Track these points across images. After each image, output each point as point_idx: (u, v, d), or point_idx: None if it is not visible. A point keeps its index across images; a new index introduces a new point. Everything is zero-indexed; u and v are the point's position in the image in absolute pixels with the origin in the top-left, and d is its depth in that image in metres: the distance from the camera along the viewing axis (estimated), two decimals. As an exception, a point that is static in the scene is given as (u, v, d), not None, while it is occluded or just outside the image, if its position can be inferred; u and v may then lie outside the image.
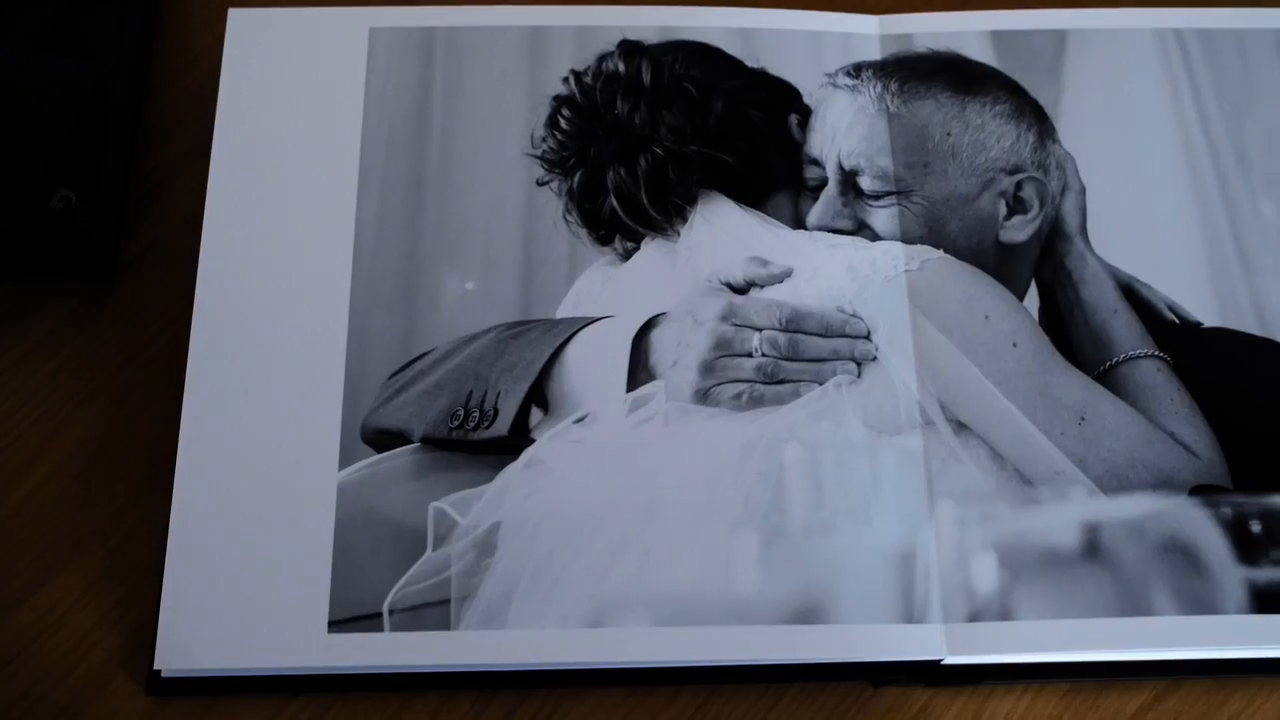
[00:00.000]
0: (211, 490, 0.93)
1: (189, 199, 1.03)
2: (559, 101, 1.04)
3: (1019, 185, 1.01)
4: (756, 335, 0.95)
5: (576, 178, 1.02)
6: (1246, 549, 0.91)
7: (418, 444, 0.95)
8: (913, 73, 1.04)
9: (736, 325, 0.96)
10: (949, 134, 1.01)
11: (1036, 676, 0.92)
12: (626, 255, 1.02)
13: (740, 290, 0.98)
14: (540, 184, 1.03)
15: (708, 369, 0.95)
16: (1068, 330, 1.00)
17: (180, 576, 0.90)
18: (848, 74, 1.04)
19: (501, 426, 0.94)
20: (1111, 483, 0.92)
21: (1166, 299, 1.01)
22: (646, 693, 0.91)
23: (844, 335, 0.96)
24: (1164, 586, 0.91)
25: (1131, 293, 1.01)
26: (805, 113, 1.05)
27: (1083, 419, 0.94)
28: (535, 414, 0.95)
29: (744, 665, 0.90)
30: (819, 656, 0.90)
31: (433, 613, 0.90)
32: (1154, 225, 1.04)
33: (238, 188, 1.01)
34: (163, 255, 1.02)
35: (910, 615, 0.90)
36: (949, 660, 0.90)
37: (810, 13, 1.09)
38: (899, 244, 0.99)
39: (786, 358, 0.95)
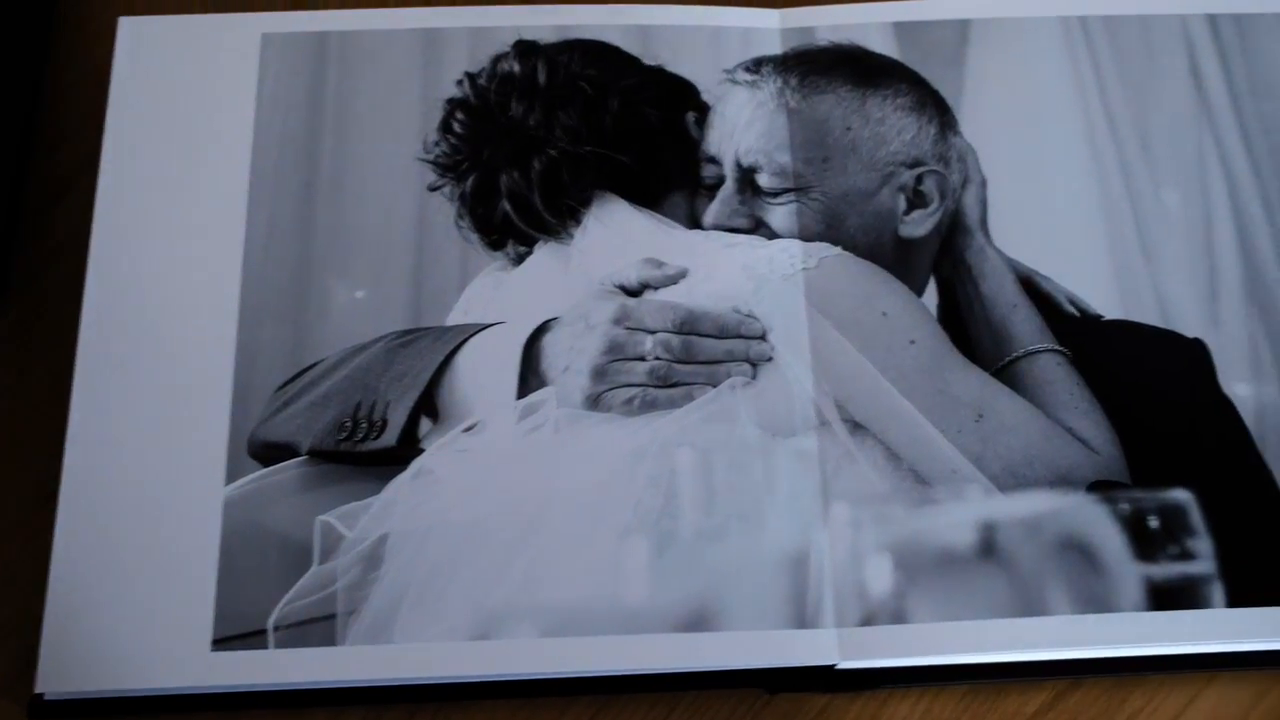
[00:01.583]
0: (96, 508, 0.91)
1: (81, 211, 1.01)
2: (452, 105, 1.03)
3: (919, 179, 0.99)
4: (650, 338, 0.94)
5: (469, 182, 1.01)
6: (1144, 545, 0.90)
7: (305, 457, 0.94)
8: (813, 67, 1.02)
9: (629, 328, 0.94)
10: (849, 128, 0.99)
11: (934, 679, 0.90)
12: (519, 260, 1.00)
13: (634, 293, 0.97)
14: (432, 189, 1.02)
15: (600, 374, 0.93)
16: (967, 325, 0.98)
17: (63, 597, 0.89)
18: (747, 69, 1.03)
19: (390, 437, 0.93)
20: (1008, 480, 0.91)
21: (1067, 292, 1.00)
22: (539, 704, 0.90)
23: (739, 336, 0.95)
24: (1060, 585, 0.89)
25: (1032, 286, 1.00)
26: (703, 110, 1.03)
27: (980, 416, 0.93)
28: (425, 424, 0.94)
29: (636, 675, 0.89)
30: (710, 664, 0.88)
31: (318, 628, 0.89)
32: (1056, 217, 1.02)
33: (127, 198, 1.00)
34: (53, 270, 1.01)
35: (803, 620, 0.89)
36: (843, 665, 0.89)
37: (710, 8, 1.07)
38: (797, 242, 0.97)
39: (680, 360, 0.94)
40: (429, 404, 0.94)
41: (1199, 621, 0.89)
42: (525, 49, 1.04)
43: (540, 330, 0.95)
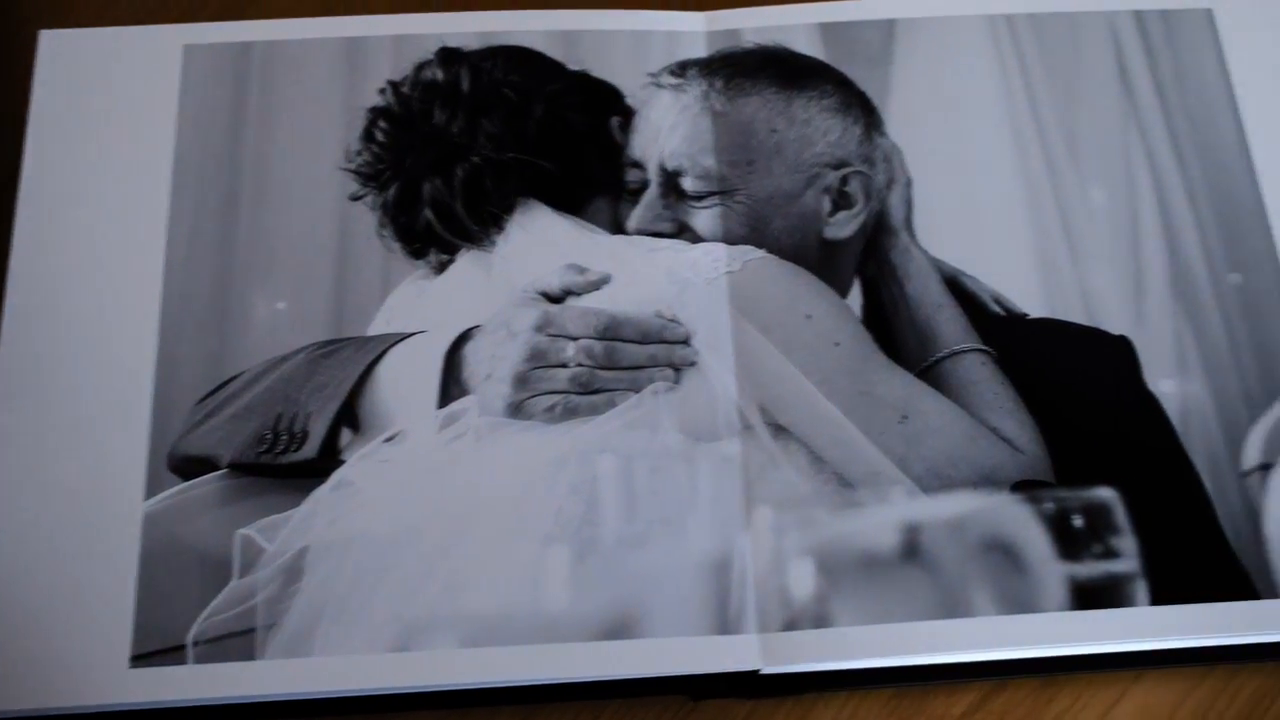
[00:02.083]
0: (14, 523, 0.91)
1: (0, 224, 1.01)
2: (375, 113, 1.02)
3: (844, 180, 0.99)
4: (572, 344, 0.93)
5: (391, 191, 1.00)
6: (1068, 544, 0.90)
7: (226, 470, 0.93)
8: (739, 69, 1.02)
9: (552, 335, 0.94)
10: (774, 130, 0.99)
11: (859, 683, 0.90)
12: (441, 268, 1.00)
13: (557, 299, 0.96)
14: (354, 199, 1.01)
15: (521, 381, 0.93)
16: (892, 326, 0.98)
17: (-20, 615, 0.89)
18: (672, 73, 1.02)
19: (310, 449, 0.92)
20: (932, 482, 0.91)
21: (992, 291, 0.99)
22: (461, 715, 0.90)
23: (662, 341, 0.94)
24: (984, 586, 0.89)
25: (957, 286, 0.99)
26: (628, 114, 1.03)
27: (904, 417, 0.92)
28: (346, 435, 0.94)
29: (558, 684, 0.88)
30: (632, 672, 0.88)
31: (237, 642, 0.88)
32: (982, 215, 1.02)
33: (47, 210, 1.00)
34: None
35: (725, 626, 0.88)
36: (767, 670, 0.88)
37: (635, 12, 1.07)
38: (721, 245, 0.97)
39: (602, 366, 0.93)
40: (350, 415, 0.94)
41: (1123, 620, 0.88)
42: (448, 56, 1.03)
43: (462, 338, 0.95)
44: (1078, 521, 0.90)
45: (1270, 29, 1.07)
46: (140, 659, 0.87)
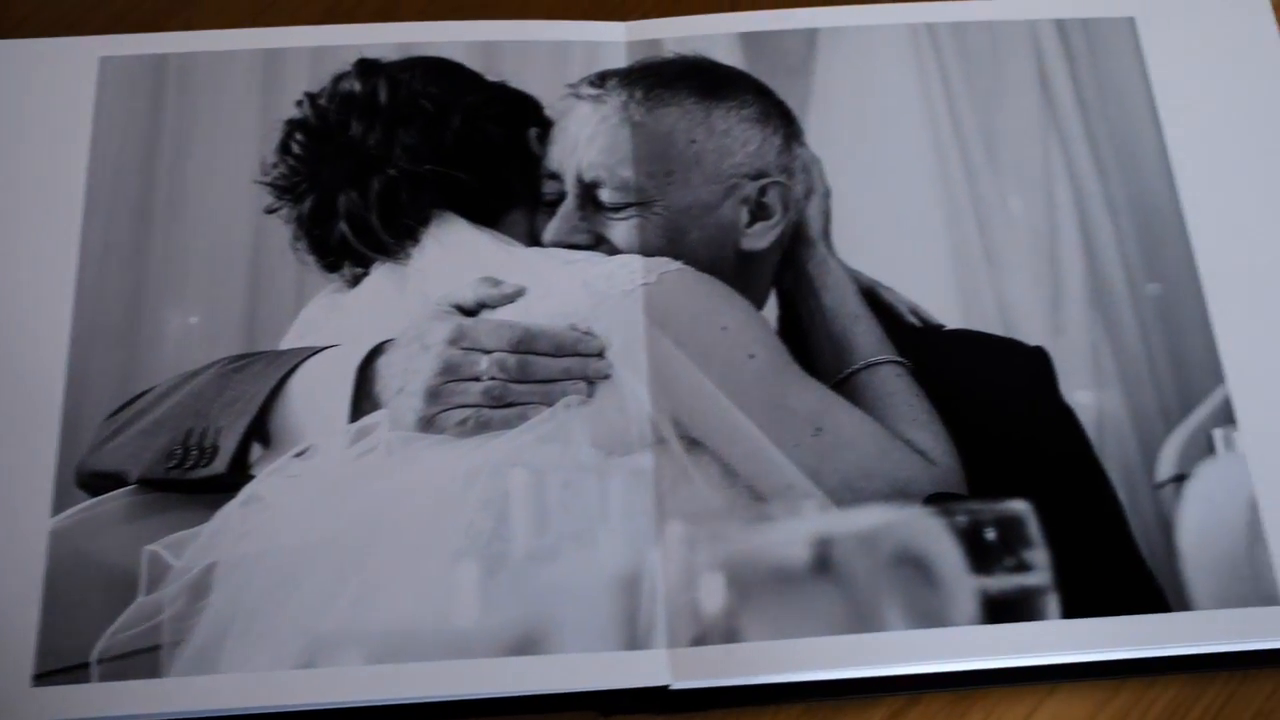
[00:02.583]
0: (-81, 542, 0.90)
1: (-86, 241, 1.00)
2: (291, 125, 1.02)
3: (763, 191, 0.99)
4: (485, 358, 0.93)
5: (307, 203, 1.00)
6: (980, 558, 0.89)
7: (135, 486, 0.92)
8: (659, 79, 1.01)
9: (465, 349, 0.93)
10: (693, 141, 0.98)
11: (769, 699, 0.89)
12: (355, 281, 0.99)
13: (471, 312, 0.96)
14: (269, 211, 1.00)
15: (434, 395, 0.92)
16: (808, 338, 0.97)
17: (-118, 634, 0.88)
18: (592, 83, 1.02)
19: (220, 464, 0.92)
20: (845, 495, 0.90)
21: (909, 302, 0.99)
22: (370, 732, 0.89)
23: (576, 354, 0.94)
24: (896, 600, 0.89)
25: (874, 297, 0.99)
26: (546, 125, 1.02)
27: (818, 430, 0.92)
28: (257, 450, 0.93)
29: (465, 700, 0.88)
30: (540, 688, 0.87)
31: (143, 660, 0.87)
32: (900, 226, 1.01)
33: (-43, 225, 0.99)
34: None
35: (635, 641, 0.88)
36: (677, 685, 0.87)
37: (555, 22, 1.07)
38: (637, 257, 0.97)
39: (515, 380, 0.93)
40: (261, 430, 0.93)
41: (1034, 633, 0.88)
42: (367, 68, 1.03)
43: (375, 352, 0.94)
44: (990, 534, 0.90)
45: (1191, 37, 1.07)
46: (43, 677, 0.87)
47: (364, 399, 0.93)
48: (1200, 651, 0.89)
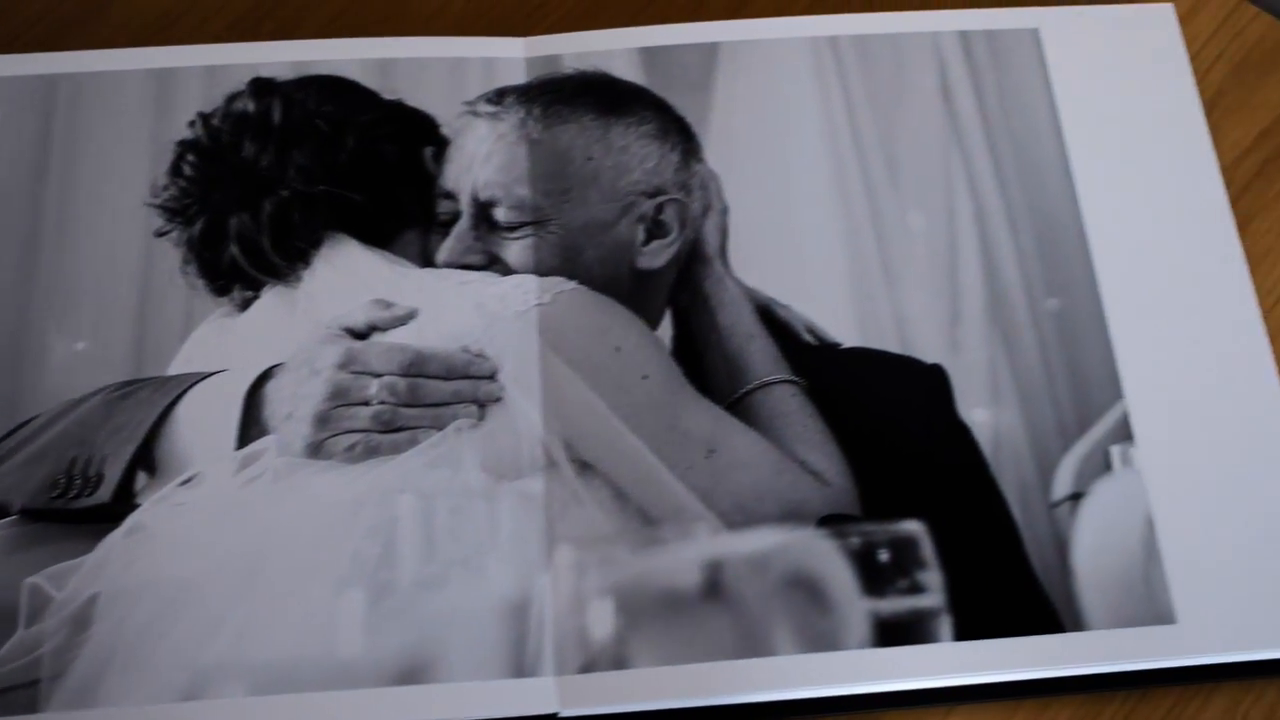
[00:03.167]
0: None
1: None
2: (183, 146, 1.00)
3: (659, 208, 0.98)
4: (375, 382, 0.92)
5: (198, 226, 0.98)
6: (873, 580, 0.88)
7: (17, 516, 0.91)
8: (557, 96, 1.00)
9: (355, 372, 0.92)
10: (590, 158, 0.97)
11: (661, 725, 0.88)
12: (245, 305, 0.98)
13: (362, 335, 0.95)
14: (159, 235, 0.99)
15: (322, 420, 0.91)
16: (703, 357, 0.97)
17: None
18: (489, 101, 1.01)
19: (104, 493, 0.90)
20: (738, 517, 0.89)
21: (806, 320, 0.98)
22: (255, 764, 0.87)
23: (467, 376, 0.93)
24: (787, 624, 0.88)
25: (770, 315, 0.98)
26: (442, 144, 1.01)
27: (711, 451, 0.91)
28: (142, 478, 0.92)
29: (351, 730, 0.86)
30: (426, 717, 0.86)
31: (21, 695, 0.86)
32: (799, 243, 1.00)
33: None
34: None
35: (522, 669, 0.87)
36: (565, 713, 0.86)
37: (453, 39, 1.05)
38: (532, 277, 0.95)
39: (405, 404, 0.92)
40: (147, 458, 0.92)
41: (925, 656, 0.87)
42: (261, 87, 1.01)
43: (264, 377, 0.93)
44: (884, 556, 0.89)
45: (1096, 49, 1.06)
46: (-81, 714, 0.85)
47: (252, 425, 0.92)
48: (1096, 672, 0.88)
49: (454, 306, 0.95)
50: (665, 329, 0.98)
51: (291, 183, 0.97)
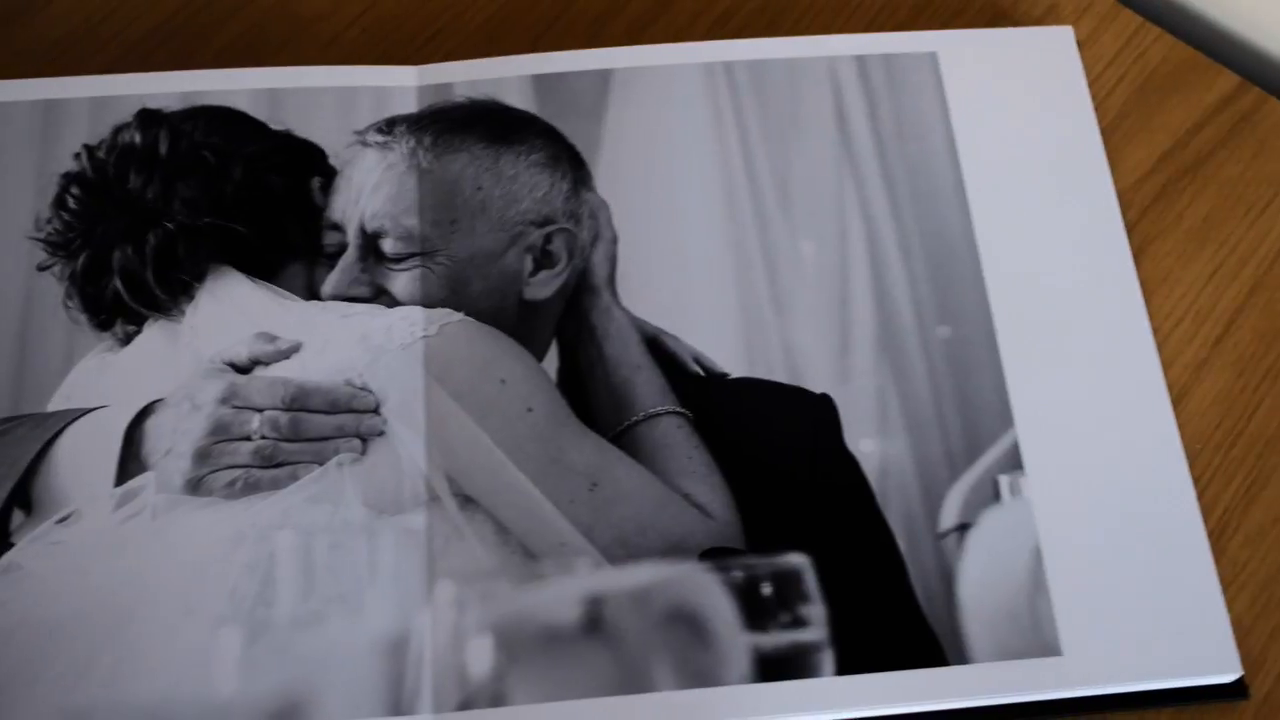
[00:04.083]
0: None
1: None
2: (67, 179, 0.99)
3: (548, 238, 0.97)
4: (257, 416, 0.91)
5: (81, 260, 0.97)
6: (755, 614, 0.87)
7: (-114, 560, 0.90)
8: (448, 125, 0.99)
9: (236, 407, 0.91)
10: (480, 188, 0.97)
11: (540, 762, 0.87)
12: (128, 340, 0.97)
13: (245, 369, 0.94)
14: (42, 269, 0.98)
15: (202, 456, 0.90)
16: (588, 389, 0.96)
17: None
18: (379, 130, 1.00)
19: (-21, 533, 0.89)
20: (619, 551, 0.88)
21: (693, 350, 0.97)
22: (129, 806, 0.86)
23: (350, 410, 0.92)
24: (667, 659, 0.87)
25: (657, 346, 0.97)
26: (330, 174, 1.00)
27: (595, 485, 0.90)
28: (19, 516, 0.90)
29: (224, 772, 0.85)
30: (298, 758, 0.85)
31: (-111, 741, 0.85)
32: (688, 272, 0.99)
33: None
34: None
35: (399, 707, 0.86)
36: (441, 752, 0.86)
37: (343, 68, 1.05)
38: (419, 309, 0.95)
39: (287, 439, 0.91)
40: (23, 496, 0.91)
41: (804, 691, 0.86)
42: (148, 118, 1.00)
43: (144, 413, 0.92)
44: (767, 589, 0.88)
45: (993, 72, 1.05)
46: None
47: (132, 461, 0.91)
48: (980, 705, 0.88)
49: (338, 340, 0.94)
50: (551, 360, 0.97)
51: (176, 215, 0.96)
